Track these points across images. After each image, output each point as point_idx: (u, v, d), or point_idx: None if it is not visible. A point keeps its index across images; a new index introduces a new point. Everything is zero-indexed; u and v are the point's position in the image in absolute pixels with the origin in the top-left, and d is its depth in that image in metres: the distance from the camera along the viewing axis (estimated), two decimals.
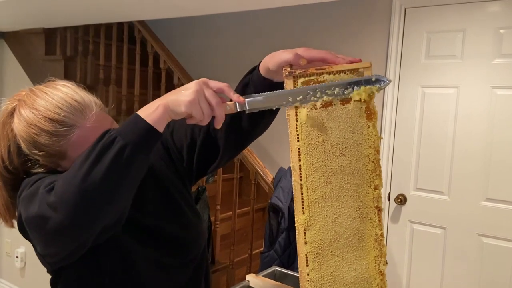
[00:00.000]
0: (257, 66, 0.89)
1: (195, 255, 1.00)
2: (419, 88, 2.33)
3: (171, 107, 0.72)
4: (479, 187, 2.18)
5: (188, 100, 0.71)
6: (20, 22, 3.01)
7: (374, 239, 0.80)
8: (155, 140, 0.72)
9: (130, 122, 0.71)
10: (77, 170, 0.68)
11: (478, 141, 2.18)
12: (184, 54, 3.29)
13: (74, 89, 0.88)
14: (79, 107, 0.84)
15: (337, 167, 0.79)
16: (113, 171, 0.68)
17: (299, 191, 0.81)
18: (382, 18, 2.43)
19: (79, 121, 0.83)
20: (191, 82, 0.75)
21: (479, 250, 2.19)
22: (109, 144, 0.68)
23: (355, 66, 0.78)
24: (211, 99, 0.73)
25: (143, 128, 0.70)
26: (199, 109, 0.72)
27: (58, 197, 0.68)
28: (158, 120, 0.71)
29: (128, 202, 0.75)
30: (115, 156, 0.68)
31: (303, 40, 2.76)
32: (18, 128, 0.85)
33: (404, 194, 2.39)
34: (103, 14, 2.64)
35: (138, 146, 0.69)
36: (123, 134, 0.69)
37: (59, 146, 0.83)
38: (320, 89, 0.77)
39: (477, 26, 2.16)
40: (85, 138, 0.83)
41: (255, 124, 0.95)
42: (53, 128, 0.82)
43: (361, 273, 0.81)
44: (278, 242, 2.29)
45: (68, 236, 0.72)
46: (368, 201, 0.79)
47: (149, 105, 0.73)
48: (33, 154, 0.86)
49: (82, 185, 0.67)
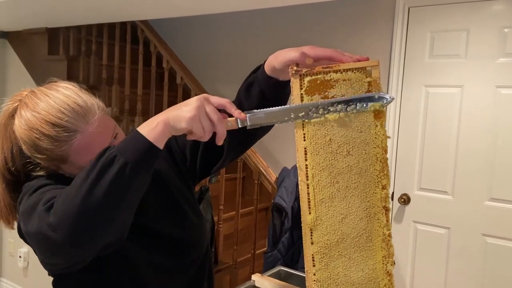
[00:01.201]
0: (262, 65, 0.89)
1: (198, 256, 1.00)
2: (423, 88, 2.32)
3: (172, 123, 0.71)
4: (483, 187, 2.17)
5: (189, 116, 0.70)
6: (23, 22, 3.01)
7: (382, 239, 0.80)
8: (156, 157, 0.71)
9: (130, 139, 0.71)
10: (77, 190, 0.67)
11: (482, 141, 2.17)
12: (187, 54, 3.29)
13: (76, 92, 0.86)
14: (82, 112, 0.82)
15: (344, 167, 0.78)
16: (114, 191, 0.67)
17: (305, 191, 0.80)
18: (385, 17, 2.42)
19: (81, 126, 0.81)
20: (191, 98, 0.74)
21: (483, 250, 2.18)
22: (110, 162, 0.67)
23: (363, 65, 0.78)
24: (212, 116, 0.73)
25: (144, 145, 0.69)
26: (200, 125, 0.72)
27: (57, 218, 0.67)
28: (158, 137, 0.70)
29: (130, 218, 0.74)
30: (115, 175, 0.67)
31: (306, 39, 2.75)
32: (19, 131, 0.84)
33: (408, 194, 2.38)
34: (106, 14, 2.64)
35: (138, 164, 0.68)
36: (123, 152, 0.68)
37: (61, 151, 0.82)
38: (322, 105, 0.76)
39: (481, 25, 2.16)
40: (88, 143, 0.82)
41: None
42: (55, 133, 0.80)
43: (368, 273, 0.80)
44: (281, 242, 2.29)
45: (68, 254, 0.71)
46: (375, 201, 0.78)
47: (149, 121, 0.72)
48: (34, 157, 0.85)
49: (83, 205, 0.66)
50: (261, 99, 0.89)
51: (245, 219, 2.74)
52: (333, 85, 0.78)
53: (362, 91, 0.77)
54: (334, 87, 0.78)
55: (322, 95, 0.78)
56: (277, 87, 0.87)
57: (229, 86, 3.17)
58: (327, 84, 0.78)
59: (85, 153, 0.82)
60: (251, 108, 0.91)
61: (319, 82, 0.78)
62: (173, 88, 3.02)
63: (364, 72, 0.77)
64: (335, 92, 0.78)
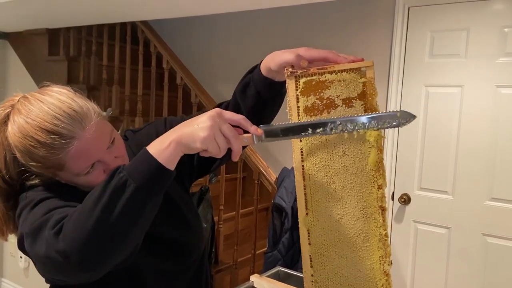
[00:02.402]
0: (258, 65, 0.89)
1: (196, 258, 1.00)
2: (423, 87, 2.32)
3: (185, 142, 0.69)
4: (484, 187, 2.17)
5: (204, 136, 0.68)
6: (23, 23, 3.02)
7: (379, 239, 0.80)
8: (168, 180, 0.69)
9: (141, 160, 0.68)
10: (88, 215, 0.65)
11: (483, 140, 2.16)
12: (186, 54, 3.29)
13: (71, 97, 0.82)
14: (78, 118, 0.79)
15: (340, 167, 0.78)
16: (126, 216, 0.66)
17: (302, 191, 0.81)
18: (385, 17, 2.42)
19: (78, 133, 0.78)
20: (204, 113, 0.71)
21: (484, 250, 2.18)
22: (121, 187, 0.66)
23: (357, 65, 0.78)
24: (228, 133, 0.70)
25: (155, 168, 0.67)
26: (215, 144, 0.69)
27: (67, 244, 0.65)
28: (170, 158, 0.68)
29: (140, 240, 0.73)
30: (127, 201, 0.65)
31: (305, 40, 2.75)
32: (13, 138, 0.81)
33: (408, 194, 2.38)
34: (106, 14, 2.65)
35: (150, 188, 0.67)
36: (134, 176, 0.66)
37: (57, 158, 0.79)
38: (342, 121, 0.74)
39: (481, 25, 2.15)
40: (84, 149, 0.79)
41: (256, 122, 0.94)
42: (51, 141, 0.77)
43: (365, 273, 0.80)
44: (281, 242, 2.29)
45: (78, 277, 0.70)
46: (372, 201, 0.79)
47: (161, 140, 0.70)
48: (29, 165, 0.82)
49: (94, 231, 0.65)
50: (257, 99, 0.90)
51: (245, 219, 2.74)
52: (328, 86, 0.78)
53: (357, 91, 0.78)
54: (329, 88, 0.78)
55: (317, 96, 0.78)
56: (273, 88, 0.87)
57: (229, 86, 3.16)
58: (322, 85, 0.78)
59: (81, 159, 0.80)
60: (247, 108, 0.91)
61: (314, 83, 0.78)
62: (173, 88, 3.02)
63: (359, 73, 0.78)
64: (330, 93, 0.78)
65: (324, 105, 0.78)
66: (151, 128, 1.03)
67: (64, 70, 3.04)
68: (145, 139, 0.99)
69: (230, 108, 0.95)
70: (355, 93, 0.78)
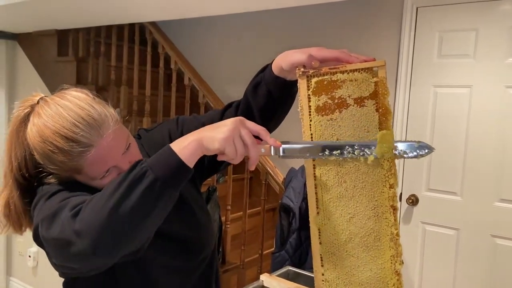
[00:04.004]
0: (269, 64, 0.89)
1: (206, 255, 1.00)
2: (431, 88, 2.31)
3: (205, 143, 0.71)
4: (492, 188, 2.15)
5: (223, 137, 0.71)
6: (33, 24, 3.04)
7: (390, 238, 0.80)
8: (186, 176, 0.71)
9: (162, 154, 0.71)
10: (106, 200, 0.68)
11: (491, 141, 2.15)
12: (194, 55, 3.31)
13: (90, 103, 0.83)
14: (96, 125, 0.80)
15: (352, 166, 0.79)
16: (142, 205, 0.68)
17: (313, 190, 0.81)
18: (393, 17, 2.42)
19: (95, 140, 0.80)
20: (227, 119, 0.74)
21: (492, 251, 2.17)
22: (141, 176, 0.68)
23: (369, 65, 0.78)
24: (247, 139, 0.73)
25: (175, 163, 0.69)
26: (233, 147, 0.72)
27: (84, 225, 0.67)
28: (190, 155, 0.70)
29: (152, 232, 0.75)
30: (145, 189, 0.67)
31: (313, 40, 2.75)
32: (33, 141, 0.83)
33: (416, 195, 2.37)
34: (115, 15, 2.67)
35: (168, 181, 0.69)
36: (155, 168, 0.68)
37: (75, 164, 0.81)
38: (360, 146, 0.75)
39: (490, 25, 2.14)
40: (101, 156, 0.81)
41: (267, 121, 0.94)
42: (69, 148, 0.79)
43: (377, 273, 0.80)
44: (289, 242, 2.29)
45: (89, 261, 0.71)
46: (383, 200, 0.79)
47: (182, 139, 0.73)
48: (47, 167, 0.84)
49: (110, 217, 0.66)
50: (268, 99, 0.90)
51: (252, 219, 2.74)
52: (340, 86, 0.78)
53: (368, 91, 0.78)
54: (341, 88, 0.78)
55: (329, 95, 0.79)
56: (284, 87, 0.88)
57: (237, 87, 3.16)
58: (334, 85, 0.79)
59: (98, 165, 0.81)
60: (258, 107, 0.92)
61: (326, 83, 0.79)
62: (181, 89, 3.03)
63: (371, 72, 0.78)
64: (342, 92, 0.78)
65: (336, 105, 0.79)
66: (163, 127, 1.04)
67: (73, 71, 3.06)
68: (158, 138, 1.00)
69: (241, 107, 0.96)
70: (367, 93, 0.78)
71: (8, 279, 3.65)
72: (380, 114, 0.78)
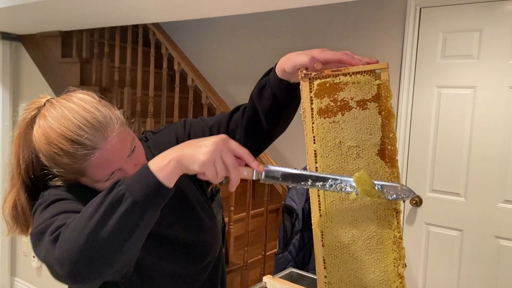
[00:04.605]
0: (274, 67, 0.89)
1: (211, 260, 0.99)
2: (435, 89, 2.30)
3: (185, 163, 0.69)
4: (497, 189, 2.14)
5: (203, 160, 0.68)
6: (36, 26, 3.06)
7: (393, 241, 0.79)
8: (165, 197, 0.69)
9: (140, 175, 0.69)
10: (83, 225, 0.66)
11: (495, 142, 2.14)
12: (197, 56, 3.31)
13: (96, 106, 0.83)
14: (101, 128, 0.80)
15: (354, 169, 0.78)
16: (121, 229, 0.66)
17: (315, 193, 0.81)
18: (397, 18, 2.41)
19: (100, 143, 0.80)
20: (210, 137, 0.72)
21: (496, 252, 2.15)
22: (118, 200, 0.66)
23: (372, 67, 0.78)
24: (228, 161, 0.71)
25: (153, 184, 0.67)
26: (214, 170, 0.70)
27: (61, 253, 0.67)
28: (169, 175, 0.68)
29: (136, 252, 0.73)
30: (123, 214, 0.66)
31: (316, 42, 2.75)
32: (38, 143, 0.83)
33: (420, 196, 2.36)
34: (118, 17, 2.67)
35: (147, 204, 0.67)
36: (132, 191, 0.67)
37: (79, 166, 0.81)
38: (342, 182, 0.74)
39: (494, 26, 2.13)
40: (106, 159, 0.81)
41: (274, 125, 0.94)
42: (73, 150, 0.79)
43: (379, 275, 0.80)
44: (292, 244, 2.28)
45: (73, 285, 0.70)
46: (386, 203, 0.78)
47: (162, 156, 0.70)
48: (53, 169, 0.85)
49: (88, 243, 0.65)
50: (273, 102, 0.90)
51: (255, 220, 2.74)
52: (343, 88, 0.78)
53: (371, 93, 0.77)
54: (343, 90, 0.78)
55: (331, 98, 0.79)
56: (288, 89, 0.87)
57: (240, 88, 3.18)
58: (337, 87, 0.78)
59: (102, 168, 0.81)
60: (264, 110, 0.92)
61: (328, 85, 0.79)
62: (184, 90, 3.04)
63: (374, 75, 0.78)
64: (345, 95, 0.78)
65: (338, 107, 0.78)
66: (171, 130, 1.04)
67: (77, 72, 3.07)
68: (165, 140, 1.00)
69: (247, 110, 0.95)
70: (369, 95, 0.77)
71: (13, 279, 3.66)
72: (383, 117, 0.78)
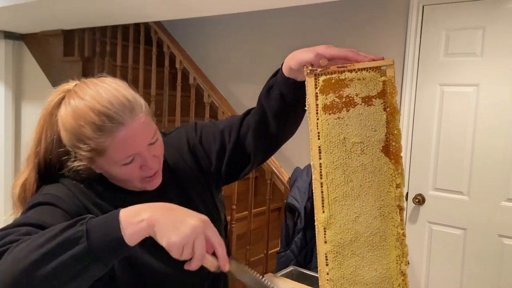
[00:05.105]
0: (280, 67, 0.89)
1: None
2: (438, 87, 2.30)
3: (156, 231, 0.66)
4: (500, 187, 2.13)
5: (174, 241, 0.66)
6: (39, 24, 3.06)
7: (396, 238, 0.79)
8: (121, 255, 0.67)
9: (106, 221, 0.65)
10: (26, 254, 0.63)
11: (499, 140, 2.13)
12: (199, 54, 3.31)
13: (126, 88, 0.85)
14: (129, 106, 0.81)
15: (358, 165, 0.78)
16: (60, 273, 0.62)
17: (319, 189, 0.80)
18: (399, 15, 2.40)
19: (127, 120, 0.80)
20: (195, 216, 0.69)
21: (500, 251, 2.15)
22: (74, 240, 0.63)
23: (377, 64, 0.77)
24: (197, 250, 0.68)
25: (115, 238, 0.64)
26: (180, 251, 0.67)
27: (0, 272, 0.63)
28: (135, 235, 0.65)
29: None
30: (71, 258, 0.62)
31: (319, 39, 2.74)
32: (64, 118, 0.82)
33: (422, 194, 2.36)
34: (120, 15, 2.67)
35: (99, 256, 0.64)
36: (91, 236, 0.63)
37: (102, 142, 0.79)
38: None
39: (497, 23, 2.12)
40: (129, 137, 0.80)
41: (282, 126, 0.94)
42: (100, 122, 0.79)
43: (382, 273, 0.80)
44: (294, 242, 2.28)
45: None
46: (389, 199, 0.78)
47: (138, 210, 0.67)
48: (73, 146, 0.83)
49: (25, 273, 0.61)
50: (281, 102, 0.89)
51: (257, 219, 2.74)
52: (348, 84, 0.78)
53: (376, 90, 0.77)
54: (348, 86, 0.78)
55: (336, 94, 0.78)
56: (296, 88, 0.87)
57: (242, 87, 3.17)
58: (342, 83, 0.78)
59: (125, 147, 0.80)
60: (272, 111, 0.91)
61: (333, 81, 0.78)
62: (186, 88, 3.04)
63: (379, 72, 0.77)
64: (350, 91, 0.78)
65: (343, 103, 0.78)
66: (181, 133, 1.02)
67: (79, 71, 3.07)
68: (176, 143, 0.99)
69: (256, 112, 0.94)
70: (374, 92, 0.77)
71: None
72: (388, 113, 0.77)
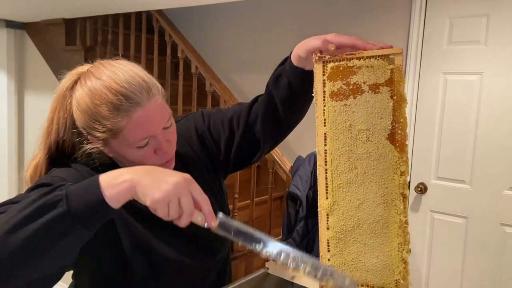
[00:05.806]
0: (289, 56, 0.89)
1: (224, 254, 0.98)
2: (441, 75, 2.28)
3: (138, 191, 0.63)
4: (502, 176, 2.13)
5: (158, 197, 0.62)
6: (40, 13, 3.05)
7: (398, 226, 0.79)
8: (104, 217, 0.64)
9: (86, 185, 0.63)
10: (6, 220, 0.60)
11: (502, 129, 2.13)
12: (201, 43, 3.29)
13: (141, 69, 0.85)
14: (146, 87, 0.80)
15: (363, 153, 0.78)
16: (42, 235, 0.60)
17: (323, 175, 0.81)
18: (403, 3, 2.38)
19: (144, 100, 0.79)
20: (176, 173, 0.66)
21: (502, 240, 2.16)
22: (52, 204, 0.60)
23: (386, 52, 0.77)
24: (184, 205, 0.65)
25: (95, 200, 0.61)
26: (166, 209, 0.64)
27: None
28: (116, 196, 0.62)
29: (56, 268, 0.65)
30: (50, 220, 0.60)
31: (322, 28, 2.72)
32: (80, 99, 0.81)
33: (425, 183, 2.36)
34: (122, 3, 2.66)
35: (81, 218, 0.61)
36: (71, 199, 0.61)
37: (118, 122, 0.78)
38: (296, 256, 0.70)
39: (501, 11, 2.10)
40: (146, 119, 0.79)
41: (290, 113, 0.94)
42: (118, 102, 0.77)
43: (383, 260, 0.80)
44: (296, 231, 2.29)
45: None
46: (393, 187, 0.78)
47: (117, 174, 0.65)
48: (88, 128, 0.81)
49: (8, 234, 0.59)
50: (289, 90, 0.89)
51: (260, 207, 2.75)
52: (356, 72, 0.78)
53: (384, 78, 0.77)
54: (356, 74, 0.78)
55: (344, 81, 0.79)
56: (304, 77, 0.87)
57: (244, 76, 3.16)
58: (350, 71, 0.78)
59: (140, 129, 0.79)
60: (280, 99, 0.92)
61: (341, 68, 0.78)
62: (188, 77, 3.03)
63: (387, 60, 0.77)
64: (357, 78, 0.78)
65: (350, 90, 0.78)
66: (189, 121, 1.02)
67: (81, 60, 3.05)
68: (184, 132, 0.99)
69: (264, 100, 0.94)
70: (382, 79, 0.77)
71: None
72: (395, 101, 0.77)
